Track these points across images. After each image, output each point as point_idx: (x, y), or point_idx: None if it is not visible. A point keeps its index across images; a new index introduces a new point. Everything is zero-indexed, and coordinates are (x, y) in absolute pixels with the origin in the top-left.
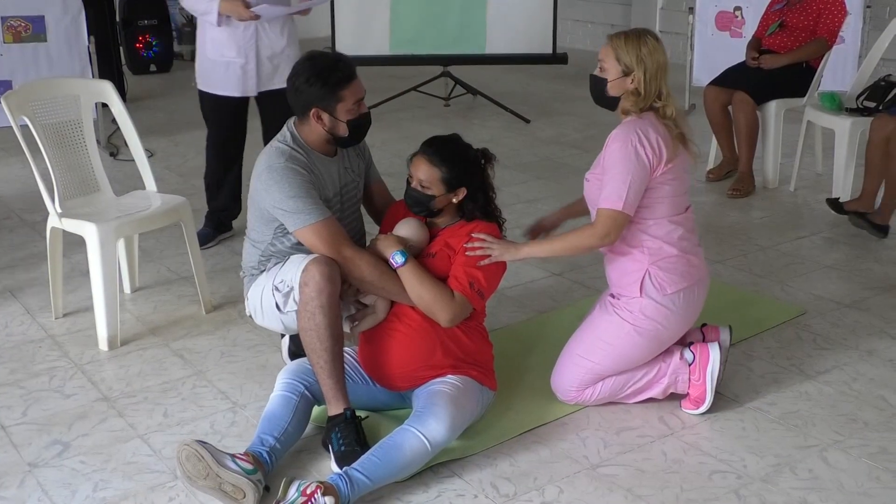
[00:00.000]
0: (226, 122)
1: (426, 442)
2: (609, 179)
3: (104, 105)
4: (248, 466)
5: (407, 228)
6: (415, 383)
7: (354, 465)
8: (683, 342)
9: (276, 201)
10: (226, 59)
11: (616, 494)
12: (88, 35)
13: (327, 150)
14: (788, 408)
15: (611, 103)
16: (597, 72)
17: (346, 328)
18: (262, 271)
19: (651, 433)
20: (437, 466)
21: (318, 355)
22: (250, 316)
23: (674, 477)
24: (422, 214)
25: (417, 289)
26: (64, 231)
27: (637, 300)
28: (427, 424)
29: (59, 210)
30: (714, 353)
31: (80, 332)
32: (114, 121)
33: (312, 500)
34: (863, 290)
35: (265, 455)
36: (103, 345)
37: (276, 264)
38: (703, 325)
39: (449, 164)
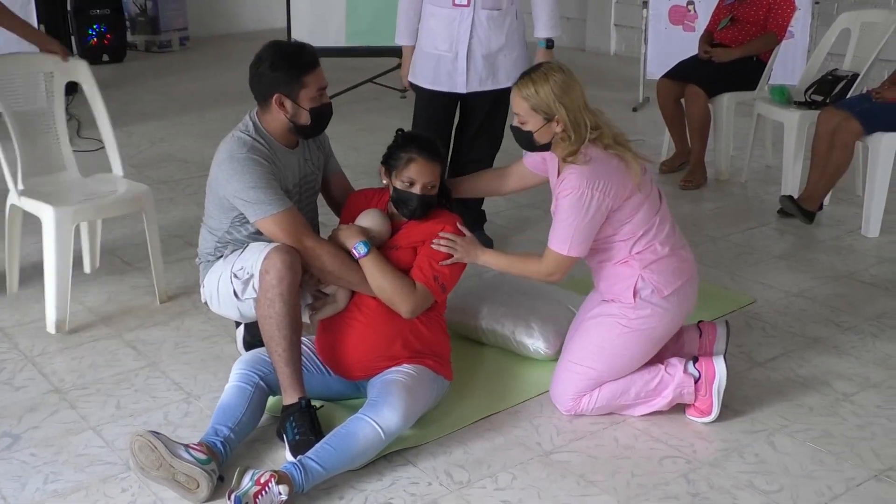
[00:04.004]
0: (434, 120)
1: (380, 430)
2: (557, 223)
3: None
4: (202, 456)
5: (370, 219)
6: (371, 373)
7: (308, 453)
8: (683, 354)
9: (237, 191)
10: (437, 53)
11: (568, 480)
12: (38, 23)
13: (289, 141)
14: (737, 394)
15: (544, 148)
16: (516, 123)
17: (305, 317)
18: (219, 258)
19: (603, 420)
20: (391, 455)
21: (277, 343)
22: (206, 302)
23: (625, 463)
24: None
25: (379, 280)
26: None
27: (631, 306)
28: (381, 413)
29: (20, 187)
30: (720, 369)
31: (31, 324)
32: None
33: (266, 488)
34: (810, 280)
35: (219, 445)
36: (51, 328)
37: (233, 251)
38: (700, 321)
39: (443, 158)
